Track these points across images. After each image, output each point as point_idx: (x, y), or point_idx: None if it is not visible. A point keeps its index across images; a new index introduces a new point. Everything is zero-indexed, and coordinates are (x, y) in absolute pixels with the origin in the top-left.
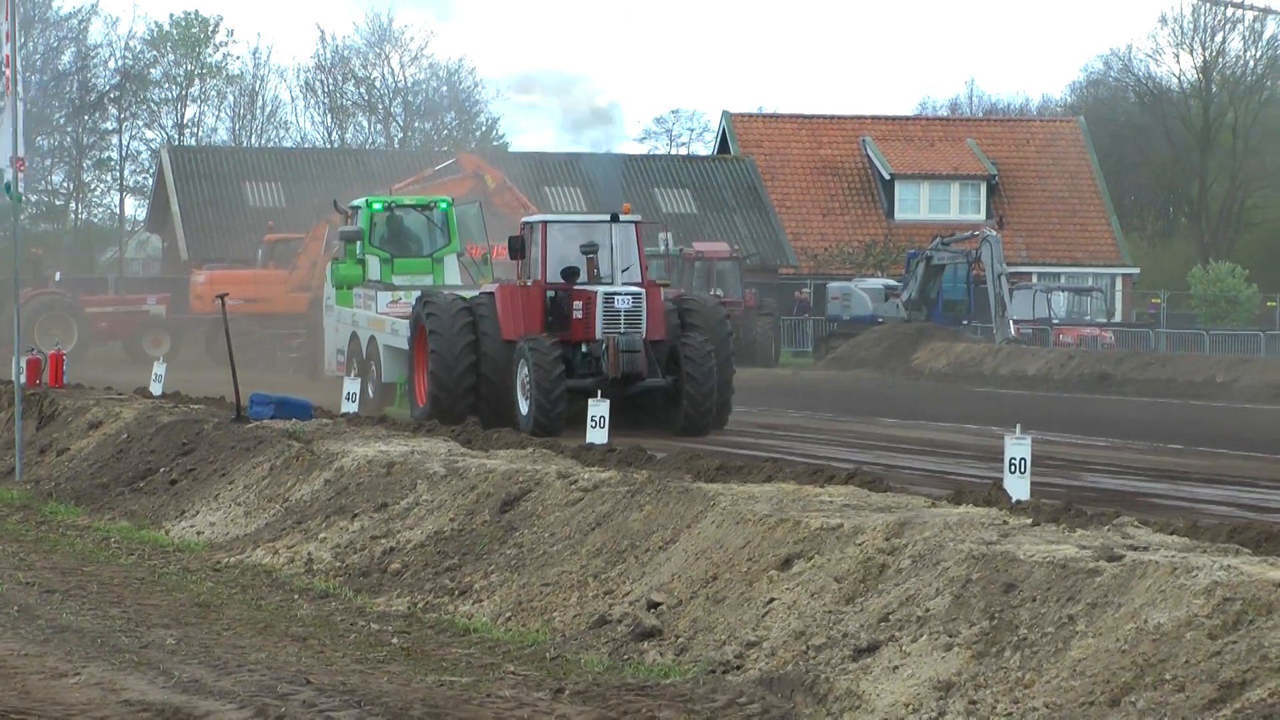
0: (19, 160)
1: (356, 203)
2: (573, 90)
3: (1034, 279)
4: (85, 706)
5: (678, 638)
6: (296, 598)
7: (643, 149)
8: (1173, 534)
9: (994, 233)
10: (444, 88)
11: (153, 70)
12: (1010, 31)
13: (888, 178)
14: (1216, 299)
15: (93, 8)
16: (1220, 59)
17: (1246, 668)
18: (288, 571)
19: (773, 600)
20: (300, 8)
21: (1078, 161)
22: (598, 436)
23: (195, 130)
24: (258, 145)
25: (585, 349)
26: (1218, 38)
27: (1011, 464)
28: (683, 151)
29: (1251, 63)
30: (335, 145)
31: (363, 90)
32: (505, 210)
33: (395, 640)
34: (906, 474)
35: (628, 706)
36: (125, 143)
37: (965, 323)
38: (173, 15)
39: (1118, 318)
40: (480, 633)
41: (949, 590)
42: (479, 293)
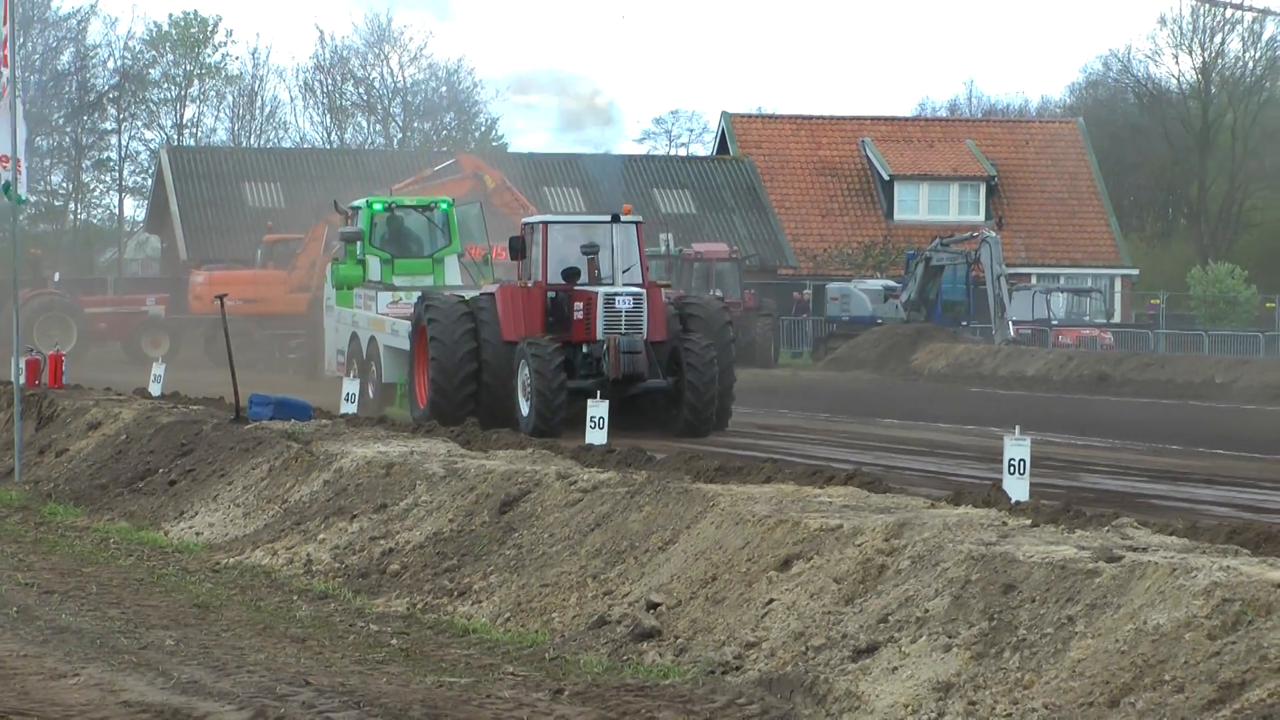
0: (15, 161)
1: (357, 203)
2: (570, 90)
3: (1033, 280)
4: (84, 707)
5: (677, 638)
6: (295, 599)
7: (642, 149)
8: (1172, 535)
9: (993, 234)
10: (443, 88)
11: (152, 70)
12: (1009, 32)
13: (887, 178)
14: (1215, 300)
15: (92, 8)
16: (1219, 60)
17: (1246, 668)
18: (287, 572)
19: (772, 601)
20: (299, 8)
21: (1077, 162)
22: (597, 437)
23: (194, 130)
24: (257, 146)
25: (586, 350)
26: (1217, 39)
27: (1011, 465)
28: (682, 152)
29: (1250, 64)
30: (334, 146)
31: (362, 91)
32: (504, 211)
33: (394, 641)
34: (906, 475)
35: (627, 707)
36: (124, 143)
37: (964, 324)
38: (172, 15)
39: (1117, 319)
40: (479, 633)
41: (948, 591)
42: (479, 293)
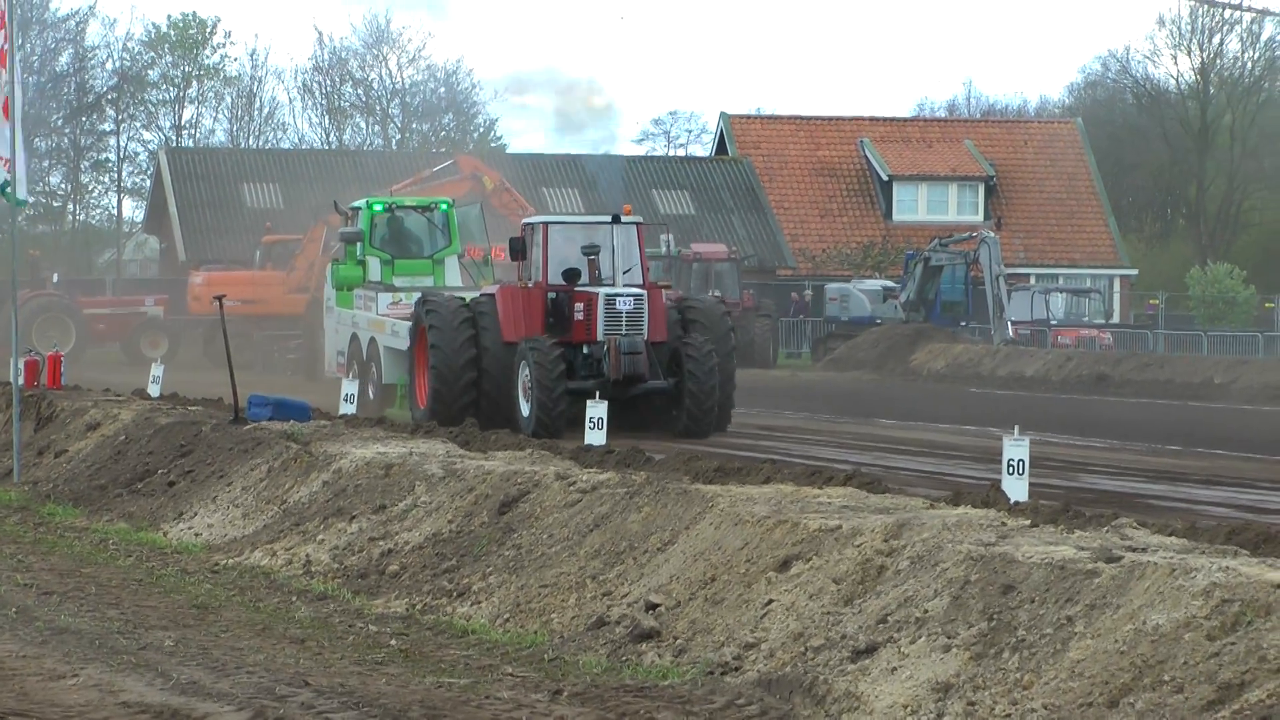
0: (7, 161)
1: (357, 204)
2: (568, 91)
3: (1032, 280)
4: (83, 708)
5: (676, 639)
6: (295, 599)
7: (641, 150)
8: (1171, 535)
9: (992, 234)
10: (442, 89)
11: (150, 72)
12: (1008, 33)
13: (886, 179)
14: (1214, 300)
15: (90, 9)
16: (1218, 60)
17: (1245, 669)
18: (286, 573)
19: (771, 602)
20: (298, 9)
21: (1075, 163)
22: (596, 438)
23: (193, 131)
24: (255, 147)
25: (586, 350)
26: (1215, 39)
27: (1010, 465)
28: (680, 153)
29: (1249, 64)
30: (333, 147)
31: (360, 92)
32: (503, 211)
33: (393, 642)
34: (905, 475)
35: (626, 708)
36: (123, 144)
37: (963, 324)
38: (170, 17)
39: (1116, 319)
40: (478, 634)
41: (947, 591)
42: (480, 294)
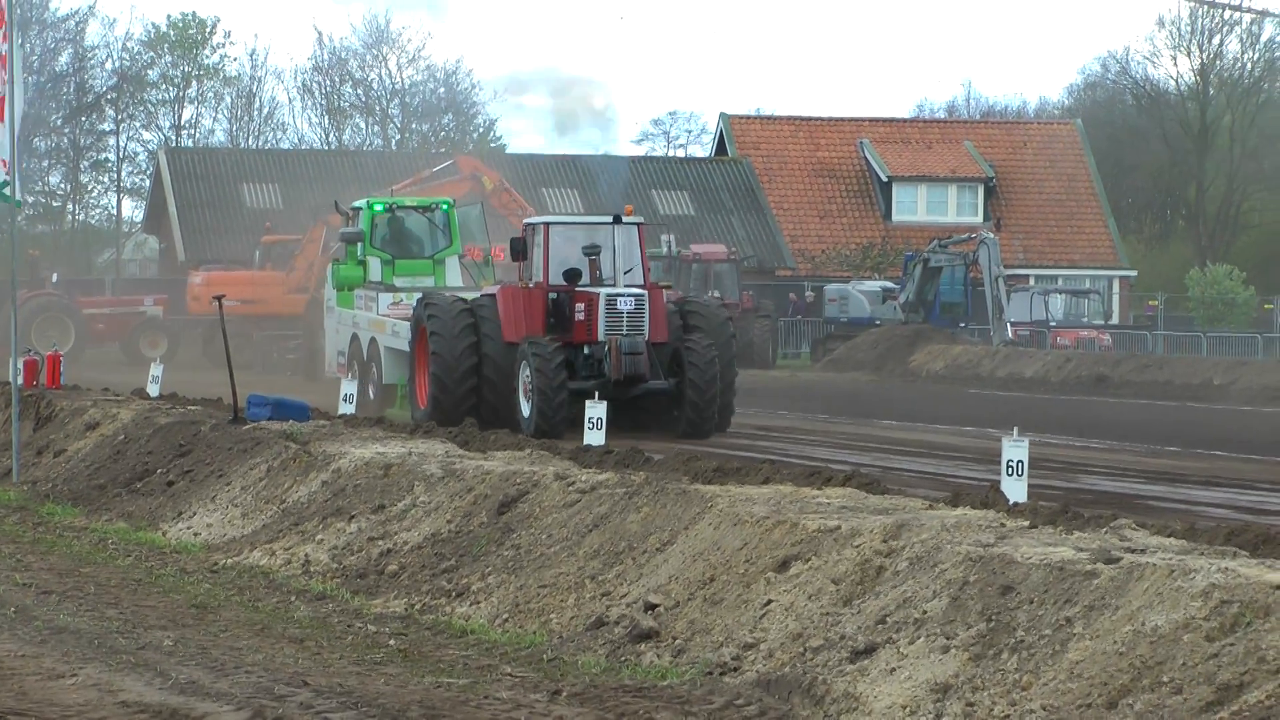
0: (5, 163)
1: (358, 204)
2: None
3: (1031, 281)
4: (82, 708)
5: (675, 639)
6: (294, 599)
7: (640, 151)
8: (1170, 536)
9: (991, 235)
10: (441, 89)
11: (150, 72)
12: (1007, 34)
13: (885, 180)
14: (1214, 301)
15: (90, 9)
16: (1218, 61)
17: (1244, 670)
18: (285, 573)
19: (770, 602)
20: (298, 9)
21: (1075, 164)
22: (595, 438)
23: (192, 131)
24: (255, 147)
25: (587, 351)
26: (1215, 40)
27: (1009, 466)
28: (680, 153)
29: (1249, 65)
30: (332, 147)
31: (360, 92)
32: (503, 212)
33: (392, 642)
34: (904, 476)
35: (625, 708)
36: (122, 144)
37: (963, 325)
38: (170, 17)
39: (1115, 320)
40: (477, 634)
41: (946, 592)
42: (480, 294)
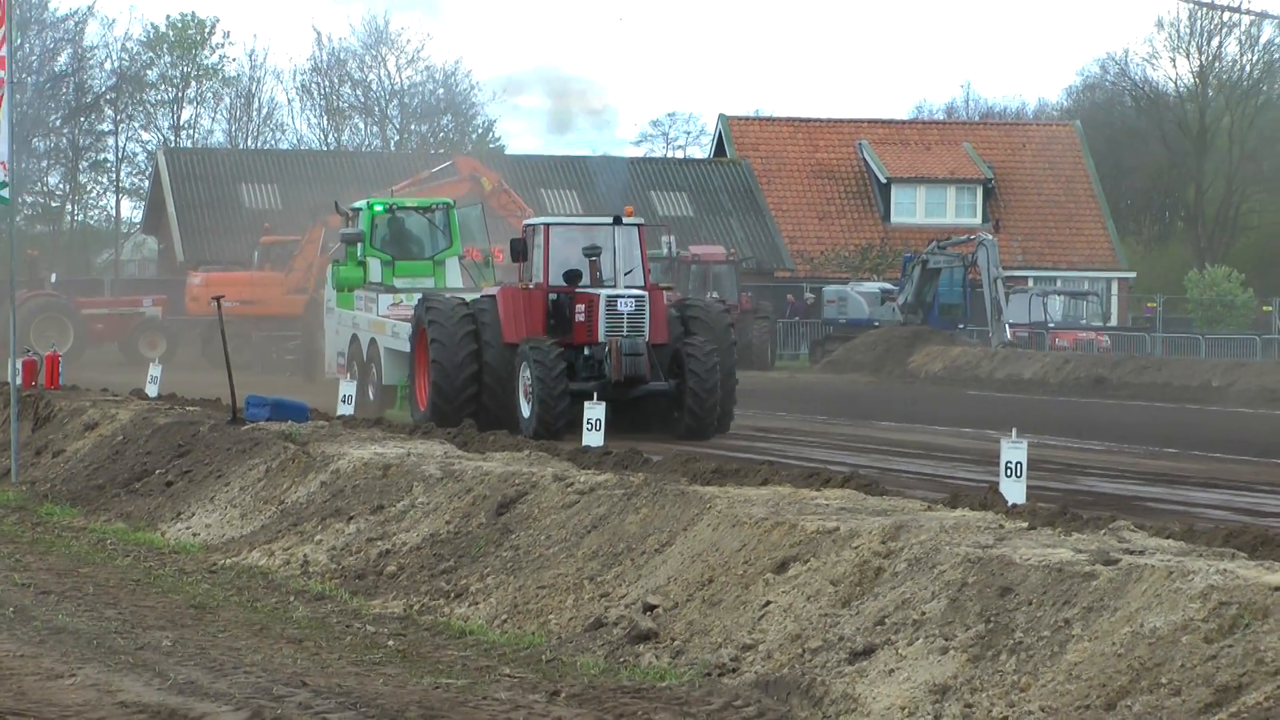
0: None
1: (358, 205)
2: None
3: (1030, 283)
4: (81, 708)
5: (673, 640)
6: (292, 600)
7: (639, 152)
8: (1169, 538)
9: (990, 236)
10: (440, 90)
11: (149, 72)
12: (1007, 35)
13: (884, 181)
14: (1212, 303)
15: (89, 9)
16: (1216, 63)
17: (1242, 671)
18: (283, 573)
19: (769, 603)
20: (297, 10)
21: (1074, 165)
22: (594, 439)
23: (191, 132)
24: (254, 147)
25: (588, 352)
26: (1214, 42)
27: (1007, 467)
28: (679, 154)
29: (1248, 67)
30: (331, 148)
31: (359, 93)
32: (501, 213)
33: (391, 642)
34: (902, 477)
35: (623, 709)
36: (121, 144)
37: (961, 326)
38: (169, 17)
39: (1114, 322)
40: (476, 635)
41: (945, 594)
42: (481, 295)
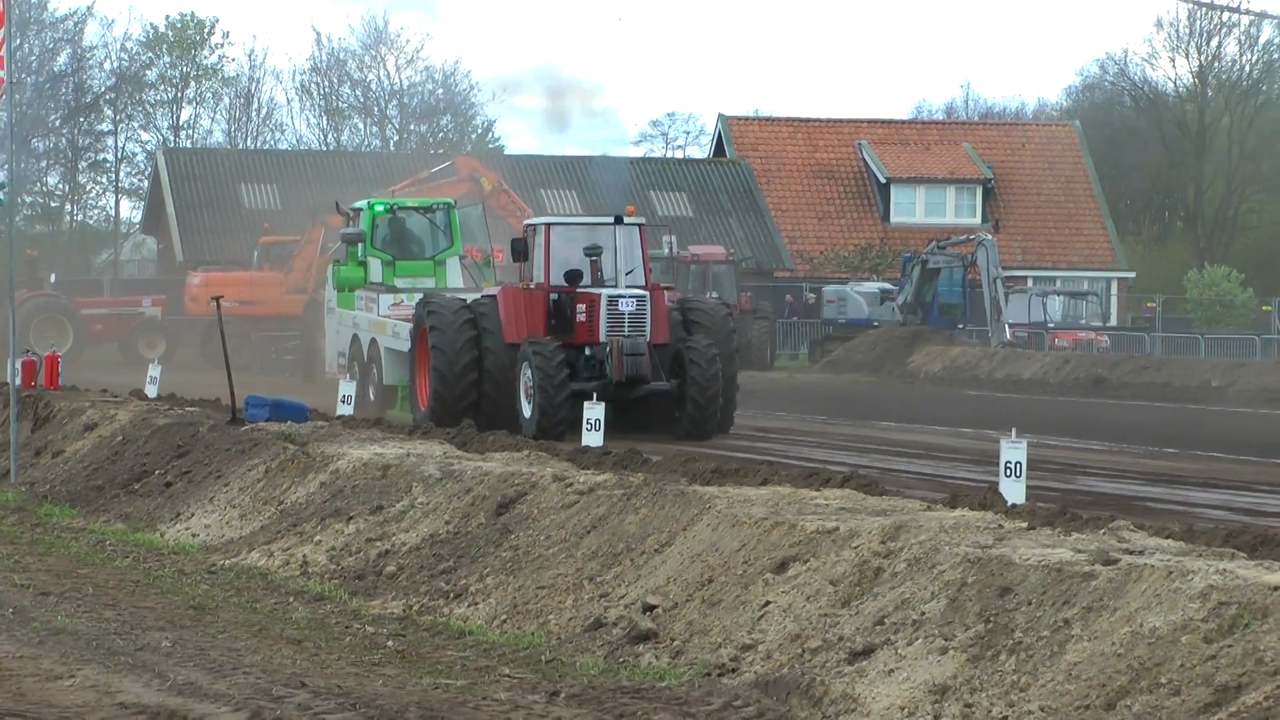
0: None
1: (359, 205)
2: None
3: (1029, 283)
4: (80, 709)
5: (673, 641)
6: (291, 600)
7: (639, 152)
8: (1168, 538)
9: (989, 236)
10: (440, 90)
11: (148, 72)
12: (1006, 35)
13: (883, 181)
14: (1212, 303)
15: (88, 10)
16: (1216, 63)
17: (1242, 671)
18: (283, 574)
19: (768, 603)
20: (296, 10)
21: (1073, 165)
22: (593, 439)
23: (190, 132)
24: (253, 147)
25: (589, 352)
26: (1213, 42)
27: (1007, 468)
28: (678, 154)
29: (1247, 67)
30: (331, 148)
31: (358, 93)
32: (501, 213)
33: (390, 643)
34: (902, 477)
35: (623, 709)
36: (120, 145)
37: (961, 326)
38: (168, 17)
39: (1113, 321)
40: (475, 635)
41: (944, 594)
42: (481, 295)
